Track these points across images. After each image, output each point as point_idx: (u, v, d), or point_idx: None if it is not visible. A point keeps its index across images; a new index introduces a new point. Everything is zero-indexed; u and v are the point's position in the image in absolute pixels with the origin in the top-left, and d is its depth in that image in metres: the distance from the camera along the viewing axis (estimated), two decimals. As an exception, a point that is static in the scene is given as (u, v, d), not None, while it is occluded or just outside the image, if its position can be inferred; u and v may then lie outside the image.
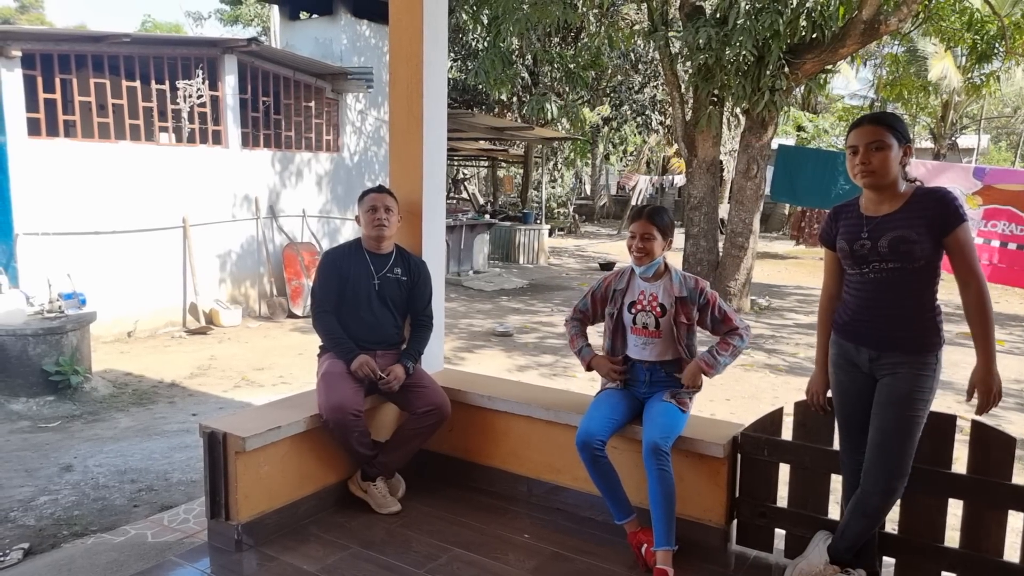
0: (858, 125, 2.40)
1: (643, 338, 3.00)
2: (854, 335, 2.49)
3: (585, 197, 29.41)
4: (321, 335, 3.38)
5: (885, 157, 2.33)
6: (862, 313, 2.46)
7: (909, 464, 2.43)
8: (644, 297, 2.99)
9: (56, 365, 5.68)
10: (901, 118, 2.43)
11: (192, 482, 4.10)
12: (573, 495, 3.29)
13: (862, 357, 2.48)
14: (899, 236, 2.32)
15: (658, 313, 2.96)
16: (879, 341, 2.42)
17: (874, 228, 2.38)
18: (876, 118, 2.40)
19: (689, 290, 2.97)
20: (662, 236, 2.95)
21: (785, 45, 9.06)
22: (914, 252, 2.32)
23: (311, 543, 3.05)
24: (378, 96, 10.95)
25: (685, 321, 2.96)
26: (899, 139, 2.34)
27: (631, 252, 2.97)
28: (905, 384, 2.37)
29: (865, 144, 2.35)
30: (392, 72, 3.62)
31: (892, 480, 2.43)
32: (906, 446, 2.40)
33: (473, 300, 11.29)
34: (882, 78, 20.23)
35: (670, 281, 2.99)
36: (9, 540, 3.37)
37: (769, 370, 7.41)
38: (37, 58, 7.27)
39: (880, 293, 2.40)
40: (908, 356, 2.37)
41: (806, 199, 11.03)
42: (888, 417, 2.41)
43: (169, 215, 8.48)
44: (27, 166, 7.25)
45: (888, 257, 2.35)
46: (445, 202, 3.82)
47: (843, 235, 2.47)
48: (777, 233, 23.26)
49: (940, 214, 2.30)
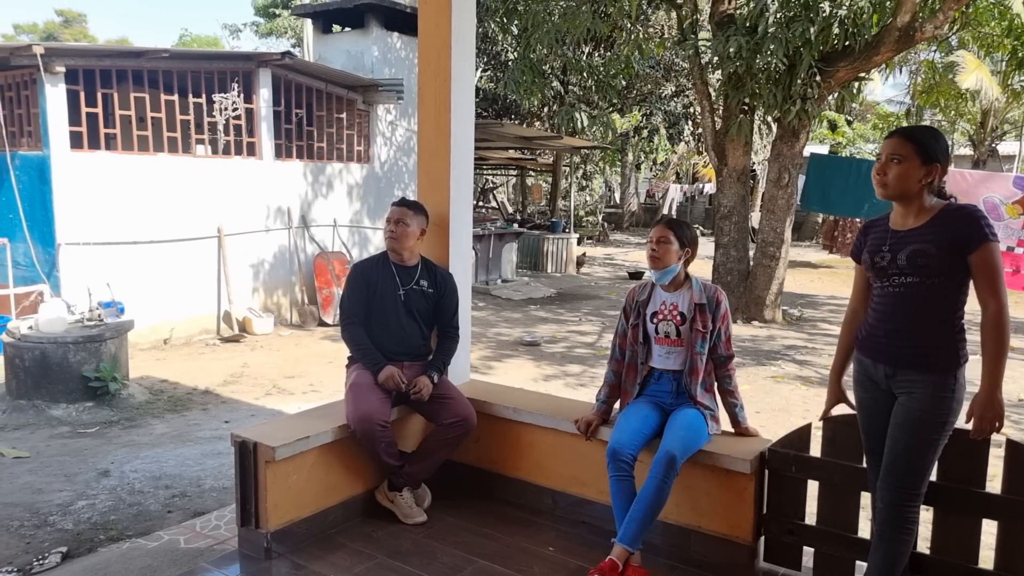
0: (890, 136, 2.40)
1: (666, 347, 3.04)
2: (871, 350, 2.47)
3: (614, 205, 29.33)
4: (350, 346, 3.44)
5: (900, 172, 2.32)
6: (879, 327, 2.44)
7: (920, 486, 2.38)
8: (665, 307, 3.06)
9: (95, 372, 5.82)
10: (939, 138, 2.37)
11: (224, 488, 4.17)
12: (598, 508, 3.29)
13: (879, 373, 2.45)
14: (918, 250, 2.31)
15: (678, 321, 3.02)
16: (895, 357, 2.39)
17: (896, 241, 2.37)
18: (906, 132, 2.38)
19: (708, 298, 3.03)
20: (679, 244, 3.02)
21: (817, 53, 8.97)
22: (931, 267, 2.29)
23: (339, 552, 3.09)
24: (408, 107, 11.07)
25: (701, 329, 2.99)
26: (925, 157, 2.31)
27: (648, 256, 3.08)
28: (919, 404, 2.33)
29: (887, 155, 2.36)
30: (420, 87, 3.67)
31: (899, 501, 2.38)
32: (917, 467, 2.36)
33: (501, 309, 11.32)
34: (918, 84, 19.90)
35: (690, 290, 3.06)
36: (48, 544, 3.46)
37: (800, 382, 7.31)
38: (80, 73, 7.49)
39: (897, 307, 2.38)
40: (924, 375, 2.33)
41: (838, 208, 10.90)
42: (899, 439, 2.37)
43: (205, 225, 8.66)
44: (69, 178, 7.46)
45: (906, 271, 2.33)
46: (472, 214, 3.86)
47: (868, 248, 2.47)
48: (810, 242, 22.95)
49: (964, 231, 2.26)
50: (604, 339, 9.30)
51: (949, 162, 2.39)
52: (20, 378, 5.75)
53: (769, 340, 9.23)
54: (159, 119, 8.19)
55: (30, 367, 5.71)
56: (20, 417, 5.58)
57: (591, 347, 8.81)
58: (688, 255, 3.07)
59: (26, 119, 7.60)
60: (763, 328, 9.98)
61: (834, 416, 2.77)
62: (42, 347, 5.71)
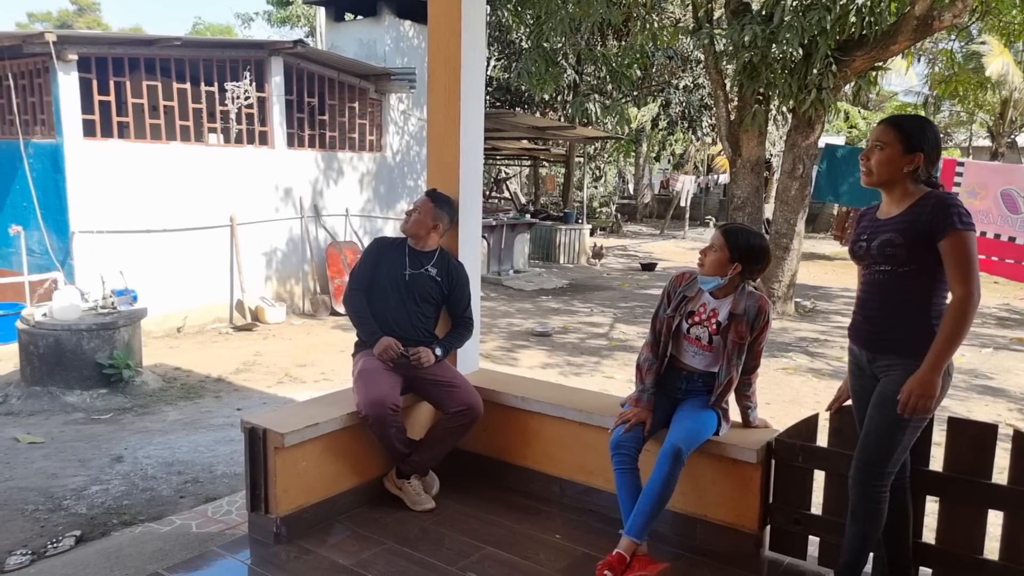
0: (878, 124, 2.43)
1: (695, 348, 2.96)
2: (854, 335, 2.51)
3: (628, 196, 29.22)
4: (349, 313, 3.49)
5: (882, 159, 2.33)
6: (859, 313, 2.47)
7: (887, 466, 2.38)
8: (704, 311, 2.93)
9: (109, 359, 5.88)
10: (926, 127, 2.34)
11: (235, 474, 4.21)
12: (605, 497, 3.29)
13: (863, 359, 2.47)
14: (886, 239, 2.32)
15: (713, 330, 2.90)
16: (873, 342, 2.42)
17: (874, 230, 2.40)
18: (891, 120, 2.40)
19: (748, 307, 2.87)
20: (728, 253, 2.82)
21: (833, 42, 8.87)
22: (899, 256, 2.30)
23: (347, 538, 3.11)
24: (421, 96, 11.06)
25: (736, 339, 2.87)
26: (908, 145, 2.30)
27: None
28: (893, 385, 2.32)
29: (871, 142, 2.38)
30: (430, 74, 3.67)
31: (866, 479, 2.39)
32: (885, 446, 2.36)
33: (513, 300, 11.33)
34: (935, 74, 19.65)
35: (735, 300, 2.90)
36: (62, 527, 3.52)
37: (812, 374, 7.28)
38: (92, 61, 7.54)
39: (875, 294, 2.41)
40: (902, 359, 2.33)
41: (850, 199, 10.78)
42: (872, 416, 2.39)
43: (217, 214, 8.71)
44: (82, 166, 7.52)
45: (879, 260, 2.36)
46: (482, 203, 3.86)
47: (855, 236, 2.49)
48: (824, 234, 22.77)
49: (932, 220, 2.25)
50: (616, 330, 9.29)
51: (938, 151, 2.37)
52: (35, 365, 5.83)
53: (782, 332, 9.19)
54: (171, 108, 8.23)
55: (44, 354, 5.78)
56: (35, 403, 5.66)
57: (601, 338, 8.81)
58: (738, 269, 2.83)
59: (39, 107, 7.65)
60: (775, 320, 9.93)
61: (841, 407, 2.76)
62: (56, 334, 5.78)
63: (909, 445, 2.40)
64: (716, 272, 2.87)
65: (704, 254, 2.91)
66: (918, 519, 2.66)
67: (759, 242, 2.90)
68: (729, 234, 2.88)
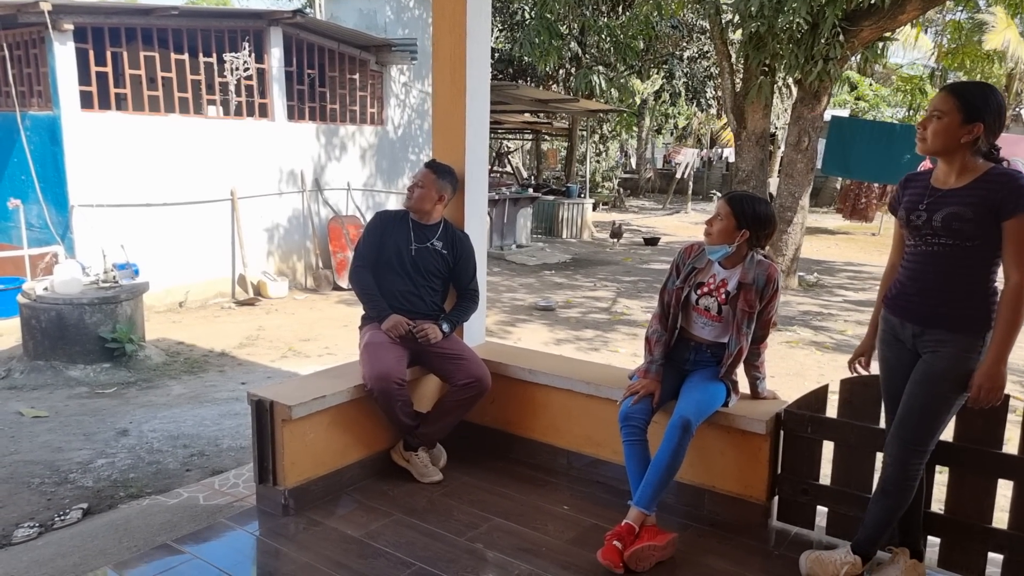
0: (939, 91, 2.34)
1: (704, 319, 2.94)
2: (901, 309, 2.43)
3: (630, 171, 29.03)
4: (356, 290, 3.45)
5: (939, 128, 2.25)
6: (910, 286, 2.39)
7: (929, 443, 2.37)
8: (714, 281, 2.91)
9: (112, 333, 5.87)
10: (989, 96, 2.25)
11: (241, 448, 4.21)
12: (613, 468, 3.29)
13: (906, 332, 2.41)
14: (953, 212, 2.24)
15: (722, 300, 2.88)
16: (924, 317, 2.35)
17: (934, 201, 2.31)
18: (952, 87, 2.30)
19: (757, 275, 2.85)
20: (734, 221, 2.80)
21: (841, 12, 8.74)
22: (966, 231, 2.23)
23: (355, 509, 3.11)
24: (422, 69, 10.93)
25: (745, 308, 2.85)
26: (967, 115, 2.22)
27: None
28: (943, 363, 2.30)
29: (930, 110, 2.29)
30: (435, 42, 3.60)
31: (906, 456, 2.37)
32: (929, 423, 2.34)
33: (516, 274, 11.30)
34: (943, 46, 19.42)
35: (744, 268, 2.87)
36: (69, 500, 3.52)
37: (815, 347, 7.27)
38: (88, 31, 7.43)
39: (929, 267, 2.33)
40: (953, 334, 2.29)
41: (860, 172, 10.71)
42: (916, 394, 2.36)
43: (218, 188, 8.65)
44: (80, 139, 7.44)
45: (941, 232, 2.28)
46: (488, 174, 3.81)
47: (905, 204, 2.40)
48: (828, 208, 22.67)
49: (1001, 197, 2.19)
50: (619, 304, 9.27)
51: (1001, 121, 2.28)
52: (37, 339, 5.81)
53: (784, 306, 9.17)
54: (169, 79, 8.13)
55: (47, 328, 5.76)
56: (38, 377, 5.65)
57: (605, 312, 8.79)
58: (746, 236, 2.81)
59: (35, 78, 7.55)
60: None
61: (852, 377, 2.75)
62: (58, 308, 5.76)
63: (949, 421, 2.39)
64: (724, 240, 2.84)
65: (711, 223, 2.89)
66: (928, 489, 2.65)
67: (764, 208, 2.87)
68: (734, 201, 2.85)
